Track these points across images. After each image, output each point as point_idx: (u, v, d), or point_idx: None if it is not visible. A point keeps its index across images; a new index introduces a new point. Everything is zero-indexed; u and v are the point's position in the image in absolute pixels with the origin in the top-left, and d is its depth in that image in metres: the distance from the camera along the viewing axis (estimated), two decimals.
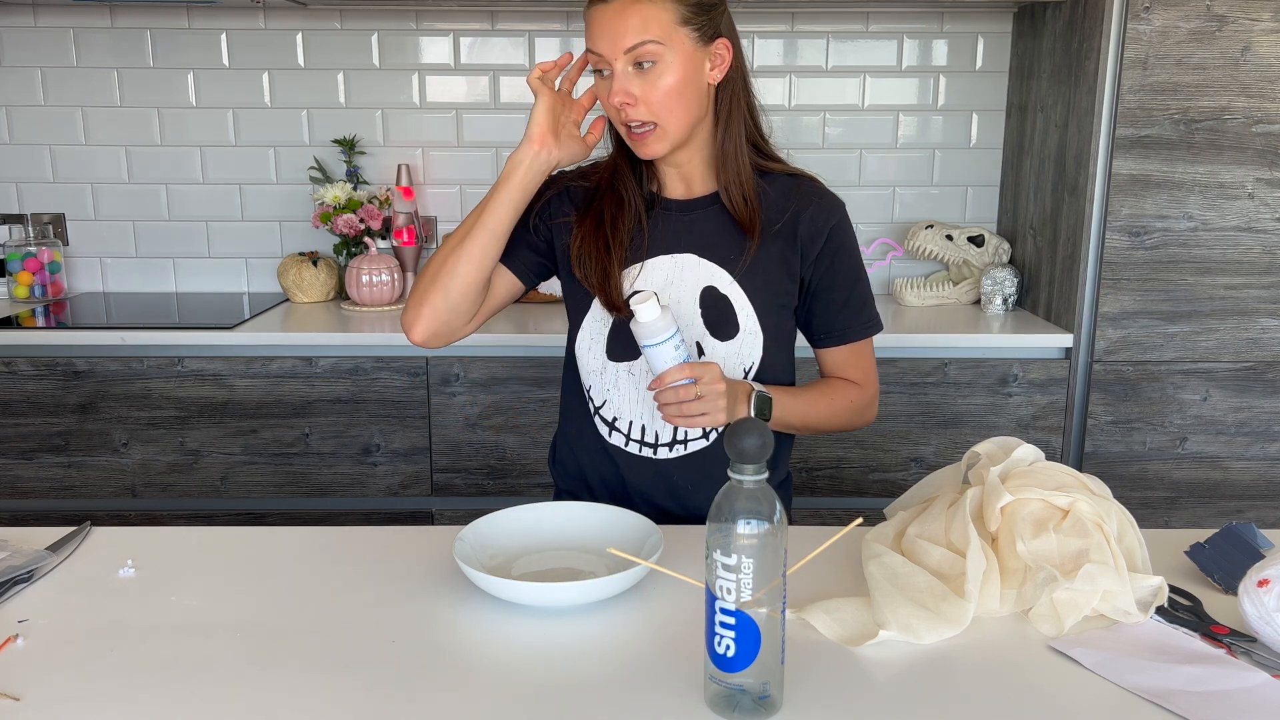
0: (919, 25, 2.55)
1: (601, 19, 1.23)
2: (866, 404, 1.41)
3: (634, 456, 1.37)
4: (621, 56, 1.23)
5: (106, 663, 0.93)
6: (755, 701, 0.85)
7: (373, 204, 2.50)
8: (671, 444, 1.36)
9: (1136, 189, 2.10)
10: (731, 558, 0.82)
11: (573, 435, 1.43)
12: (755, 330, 1.34)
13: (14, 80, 2.53)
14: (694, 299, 1.34)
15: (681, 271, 1.34)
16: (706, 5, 1.26)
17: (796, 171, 1.39)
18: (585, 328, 1.37)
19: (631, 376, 1.35)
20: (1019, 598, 1.01)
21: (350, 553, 1.17)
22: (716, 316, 1.34)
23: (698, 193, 1.37)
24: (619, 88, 1.25)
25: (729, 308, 1.33)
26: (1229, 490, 2.23)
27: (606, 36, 1.23)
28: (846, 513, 2.19)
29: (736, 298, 1.33)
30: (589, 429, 1.40)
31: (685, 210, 1.36)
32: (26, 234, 2.55)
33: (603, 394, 1.37)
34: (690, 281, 1.34)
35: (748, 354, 1.35)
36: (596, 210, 1.35)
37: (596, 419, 1.39)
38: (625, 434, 1.37)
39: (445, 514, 2.22)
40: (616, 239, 1.33)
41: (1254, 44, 2.03)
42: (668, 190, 1.37)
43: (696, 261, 1.34)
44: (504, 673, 0.92)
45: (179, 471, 2.19)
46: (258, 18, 2.51)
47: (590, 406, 1.39)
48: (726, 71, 1.30)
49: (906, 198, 2.64)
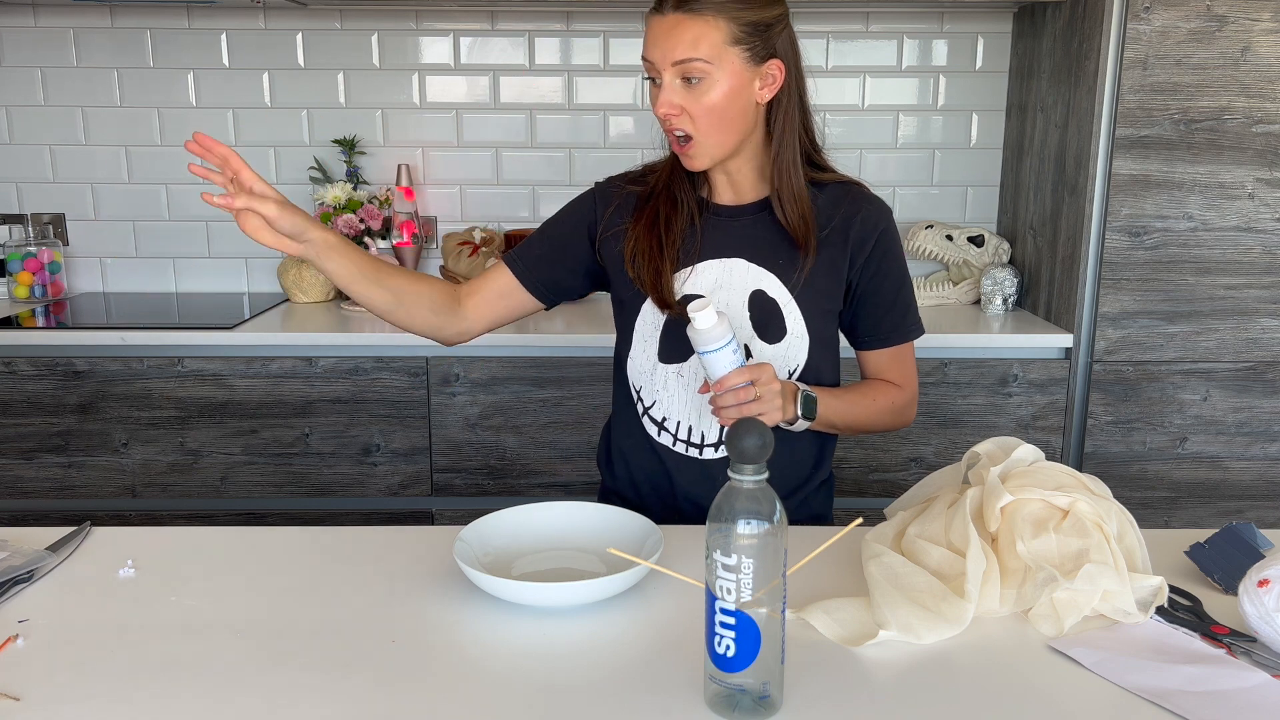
0: (919, 25, 2.55)
1: (658, 29, 1.26)
2: (906, 404, 1.44)
3: (682, 457, 1.39)
4: (670, 68, 1.25)
5: (106, 663, 0.93)
6: (755, 701, 0.85)
7: (373, 204, 2.50)
8: (717, 444, 1.38)
9: (1136, 189, 2.10)
10: (731, 558, 0.82)
11: (622, 436, 1.46)
12: (802, 333, 1.37)
13: (14, 80, 2.53)
14: (743, 302, 1.36)
15: (731, 275, 1.36)
16: (761, 26, 1.26)
17: (845, 178, 1.42)
18: (638, 329, 1.40)
19: (681, 378, 1.38)
20: (1019, 598, 1.01)
21: (350, 553, 1.17)
22: (765, 319, 1.36)
23: (747, 199, 1.39)
24: (664, 99, 1.27)
25: (777, 311, 1.36)
26: (1229, 490, 2.23)
27: (659, 46, 1.26)
28: (846, 513, 2.18)
29: (785, 301, 1.36)
30: (638, 430, 1.42)
31: (734, 216, 1.38)
32: (26, 234, 2.55)
33: (653, 394, 1.40)
34: (739, 285, 1.36)
35: (794, 356, 1.37)
36: (652, 210, 1.38)
37: (646, 419, 1.41)
38: (674, 434, 1.39)
39: (445, 514, 2.22)
40: (670, 239, 1.35)
41: (1254, 44, 2.03)
42: (718, 196, 1.40)
43: (745, 266, 1.36)
44: (504, 673, 0.92)
45: (179, 471, 2.19)
46: (258, 18, 2.51)
47: (640, 407, 1.41)
48: (777, 91, 1.31)
49: (906, 198, 2.64)
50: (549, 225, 1.45)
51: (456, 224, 2.64)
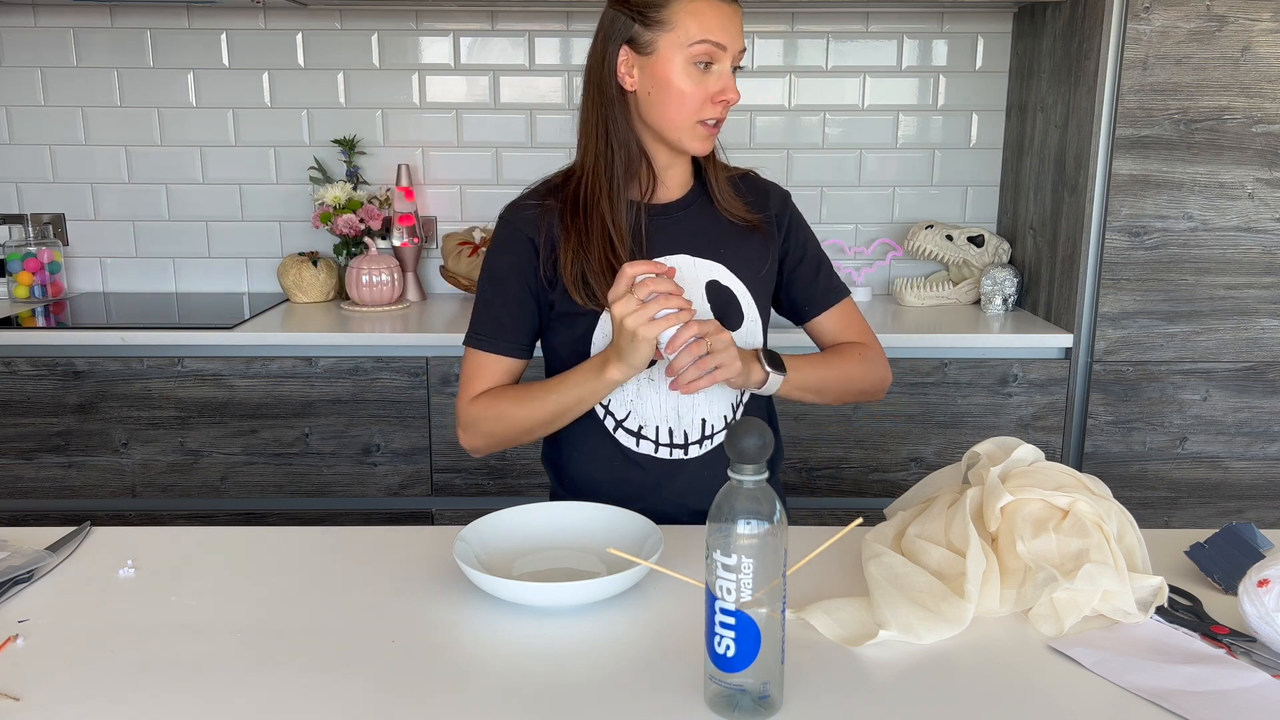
0: (919, 25, 2.55)
1: (725, 13, 1.27)
2: (876, 357, 1.45)
3: (666, 462, 1.37)
4: (735, 55, 1.29)
5: (106, 663, 0.93)
6: (755, 701, 0.85)
7: (373, 204, 2.50)
8: (700, 440, 1.37)
9: (1136, 189, 2.10)
10: (731, 558, 0.82)
11: (584, 464, 1.40)
12: (756, 317, 1.40)
13: (14, 80, 2.53)
14: (702, 295, 1.36)
15: (680, 270, 1.35)
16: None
17: (742, 168, 1.47)
18: (597, 343, 1.35)
19: (652, 382, 1.36)
20: (1019, 598, 1.01)
21: (350, 553, 1.17)
22: (724, 308, 1.37)
23: (675, 195, 1.39)
24: (732, 84, 1.29)
25: (733, 298, 1.38)
26: (1229, 490, 2.23)
27: (731, 32, 1.27)
28: (846, 513, 2.19)
29: (738, 288, 1.38)
30: (609, 448, 1.37)
31: (668, 213, 1.38)
32: (26, 234, 2.55)
33: (625, 406, 1.36)
34: (692, 279, 1.36)
35: (754, 341, 1.40)
36: (588, 224, 1.32)
37: (620, 433, 1.37)
38: (654, 440, 1.36)
39: (445, 514, 2.22)
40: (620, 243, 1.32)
41: (1254, 44, 2.03)
42: (652, 195, 1.36)
43: (692, 261, 1.37)
44: (504, 673, 0.92)
45: (179, 471, 2.19)
46: (258, 18, 2.51)
47: (610, 422, 1.37)
48: None
49: (906, 198, 2.64)
50: (494, 290, 1.37)
51: (456, 224, 2.64)
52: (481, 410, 1.35)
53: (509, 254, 1.36)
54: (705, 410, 1.36)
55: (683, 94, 1.27)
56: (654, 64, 1.27)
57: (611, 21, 1.30)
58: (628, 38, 1.28)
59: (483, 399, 1.35)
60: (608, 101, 1.31)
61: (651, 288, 1.16)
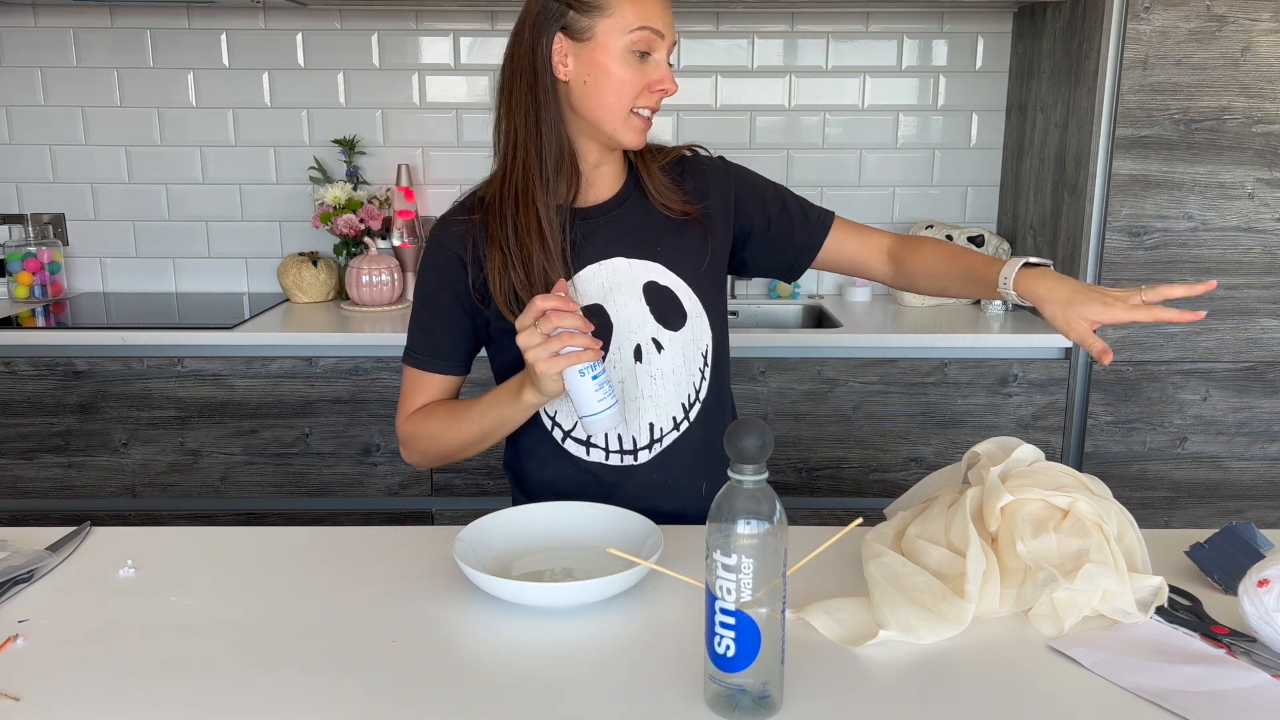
0: (919, 25, 2.55)
1: (660, 3, 1.25)
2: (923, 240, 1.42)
3: (617, 468, 1.34)
4: (669, 46, 1.26)
5: (106, 663, 0.93)
6: (755, 701, 0.85)
7: (373, 204, 2.50)
8: (650, 444, 1.34)
9: (1136, 189, 2.10)
10: (731, 558, 0.82)
11: (539, 470, 1.38)
12: (700, 312, 1.34)
13: (14, 80, 2.53)
14: (639, 298, 1.31)
15: (615, 275, 1.31)
16: None
17: (680, 151, 1.40)
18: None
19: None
20: (1019, 598, 1.01)
21: (350, 553, 1.17)
22: (664, 309, 1.32)
23: (609, 195, 1.34)
24: (670, 75, 1.26)
25: (673, 297, 1.33)
26: (1229, 490, 2.23)
27: (666, 20, 1.25)
28: (846, 513, 2.19)
29: (677, 285, 1.33)
30: (560, 459, 1.35)
31: (595, 215, 1.32)
32: (26, 234, 2.55)
33: (571, 418, 1.34)
34: (628, 282, 1.31)
35: (701, 338, 1.35)
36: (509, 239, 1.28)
37: (569, 444, 1.34)
38: (605, 447, 1.34)
39: (445, 514, 2.22)
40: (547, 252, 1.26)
41: (1254, 44, 2.03)
42: (579, 198, 1.32)
43: (628, 264, 1.32)
44: (504, 673, 0.92)
45: (179, 471, 2.19)
46: (258, 18, 2.51)
47: (558, 434, 1.35)
48: None
49: (906, 198, 2.64)
50: (425, 308, 1.34)
51: None
52: (415, 429, 1.34)
53: (437, 271, 1.32)
54: (652, 415, 1.33)
55: (622, 80, 1.23)
56: (591, 50, 1.23)
57: (542, 9, 1.24)
58: (562, 25, 1.23)
59: (416, 417, 1.34)
60: (541, 91, 1.25)
61: (556, 323, 1.13)
